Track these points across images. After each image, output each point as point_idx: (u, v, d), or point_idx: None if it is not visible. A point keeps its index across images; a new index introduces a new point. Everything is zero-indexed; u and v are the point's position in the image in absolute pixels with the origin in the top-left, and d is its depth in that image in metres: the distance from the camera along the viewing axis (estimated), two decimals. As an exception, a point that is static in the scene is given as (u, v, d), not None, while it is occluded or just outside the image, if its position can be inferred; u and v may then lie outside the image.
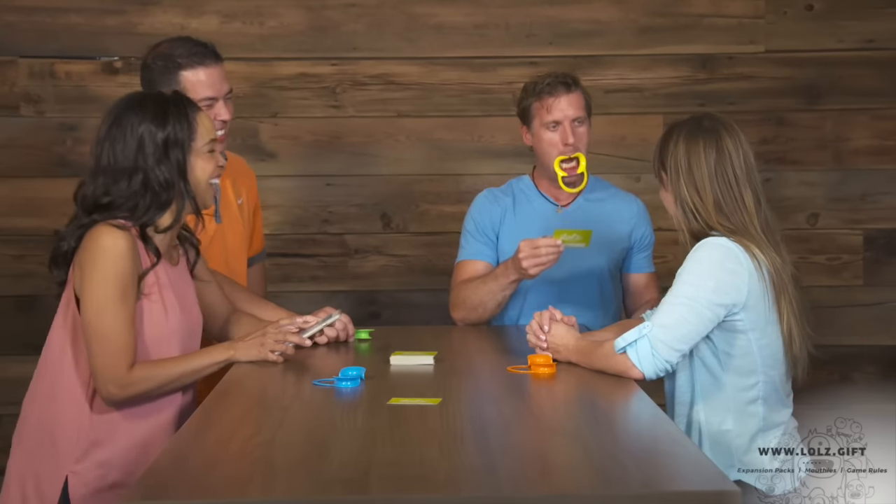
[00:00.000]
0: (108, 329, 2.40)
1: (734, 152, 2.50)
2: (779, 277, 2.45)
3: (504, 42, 4.03)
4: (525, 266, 2.90)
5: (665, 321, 2.40)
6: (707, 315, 2.40)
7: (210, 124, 2.58)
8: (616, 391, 2.36)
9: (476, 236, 3.20)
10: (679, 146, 2.52)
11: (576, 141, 3.11)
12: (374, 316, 4.04)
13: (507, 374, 2.51)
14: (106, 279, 2.40)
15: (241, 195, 3.14)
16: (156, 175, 2.48)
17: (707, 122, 2.54)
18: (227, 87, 2.98)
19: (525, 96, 3.18)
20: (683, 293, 2.41)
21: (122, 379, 2.41)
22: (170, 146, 2.49)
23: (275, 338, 2.58)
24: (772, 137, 4.06)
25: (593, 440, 2.01)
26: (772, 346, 2.47)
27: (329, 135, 4.04)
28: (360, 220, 4.06)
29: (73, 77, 3.99)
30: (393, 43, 4.02)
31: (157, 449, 2.38)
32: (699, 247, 2.45)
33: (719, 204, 2.47)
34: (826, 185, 4.07)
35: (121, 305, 2.41)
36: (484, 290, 3.07)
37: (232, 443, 2.00)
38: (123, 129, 2.49)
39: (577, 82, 3.16)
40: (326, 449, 1.95)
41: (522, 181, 3.28)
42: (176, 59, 2.91)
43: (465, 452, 1.92)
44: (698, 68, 4.04)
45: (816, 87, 4.05)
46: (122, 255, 2.41)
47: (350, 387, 2.37)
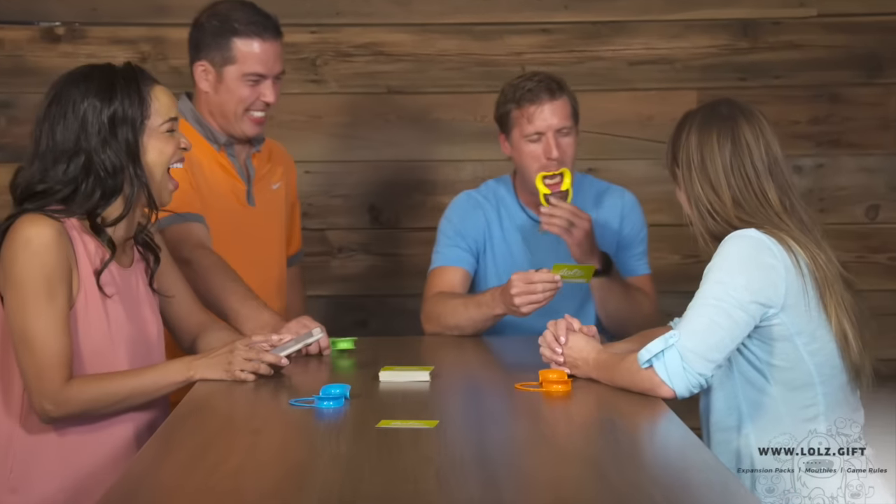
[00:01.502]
0: (34, 334, 2.42)
1: (753, 143, 2.53)
2: (822, 273, 2.47)
3: (511, 5, 4.04)
4: (517, 303, 2.93)
5: (694, 327, 2.42)
6: (741, 317, 2.42)
7: (170, 101, 2.60)
8: (640, 411, 2.38)
9: (455, 240, 3.25)
10: (691, 137, 2.56)
11: (560, 155, 3.15)
12: (361, 324, 4.06)
13: (514, 392, 2.53)
14: (27, 275, 2.41)
15: (278, 180, 3.28)
16: (100, 158, 2.50)
17: (724, 109, 2.57)
18: (279, 68, 3.15)
19: (504, 100, 3.22)
20: (712, 294, 2.43)
21: (57, 394, 2.43)
22: (117, 124, 2.51)
23: (244, 355, 2.57)
24: (825, 116, 4.07)
25: (614, 468, 2.03)
26: (825, 352, 2.49)
27: (308, 114, 4.05)
28: (345, 213, 4.07)
29: (7, 45, 3.99)
30: (382, 7, 4.04)
31: (106, 479, 2.40)
32: (727, 241, 2.48)
33: (738, 202, 2.50)
34: (889, 172, 4.09)
35: (47, 306, 2.42)
36: (464, 314, 3.11)
37: (195, 472, 2.01)
38: (64, 107, 2.51)
39: (563, 87, 3.20)
40: (305, 479, 1.97)
41: (503, 187, 3.33)
42: (233, 22, 3.09)
43: (465, 483, 1.94)
44: (739, 36, 4.05)
45: (877, 56, 4.06)
46: (45, 247, 2.42)
47: (333, 407, 2.38)
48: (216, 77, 3.13)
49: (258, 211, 3.20)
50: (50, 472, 2.48)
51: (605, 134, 4.01)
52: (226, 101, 3.14)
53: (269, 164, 3.29)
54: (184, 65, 3.33)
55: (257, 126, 3.16)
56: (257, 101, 3.13)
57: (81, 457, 2.51)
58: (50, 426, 2.48)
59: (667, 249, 3.90)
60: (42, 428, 2.48)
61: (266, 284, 3.18)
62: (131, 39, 4.00)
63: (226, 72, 3.12)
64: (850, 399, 2.54)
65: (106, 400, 2.48)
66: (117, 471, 2.34)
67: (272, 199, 3.27)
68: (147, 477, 2.00)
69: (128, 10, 4.00)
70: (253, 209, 3.19)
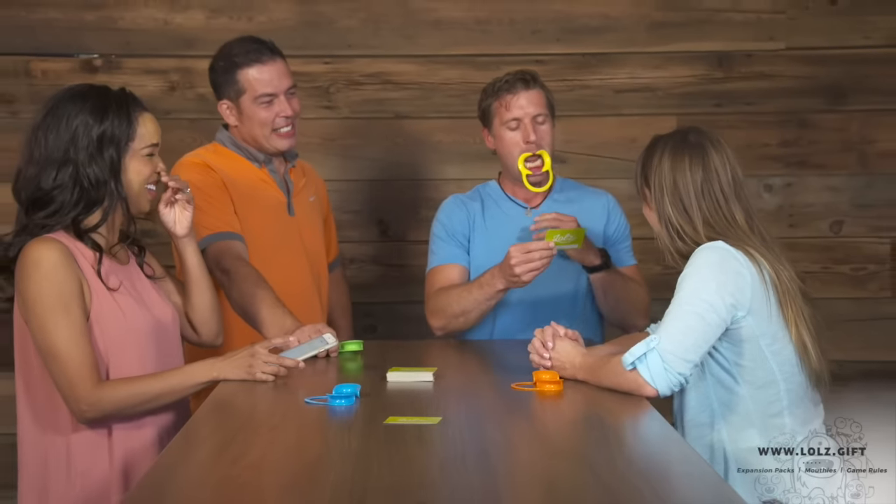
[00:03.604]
0: (57, 348, 2.42)
1: (721, 168, 2.54)
2: (784, 286, 2.47)
3: (508, 38, 4.04)
4: (518, 272, 2.90)
5: (671, 331, 2.41)
6: (714, 319, 2.42)
7: (154, 127, 2.60)
8: (626, 409, 2.37)
9: (447, 240, 3.22)
10: (664, 162, 2.56)
11: (538, 138, 3.13)
12: (370, 329, 4.05)
13: (511, 392, 2.52)
14: (41, 295, 2.42)
15: (313, 193, 3.32)
16: (85, 171, 2.50)
17: (692, 137, 2.58)
18: (287, 83, 3.15)
19: (484, 97, 3.22)
20: (686, 300, 2.43)
21: (90, 397, 2.43)
22: (105, 143, 2.51)
23: (265, 359, 2.57)
24: (793, 140, 4.07)
25: (603, 462, 2.02)
26: (786, 352, 2.49)
27: (322, 137, 4.05)
28: (356, 227, 4.07)
29: (50, 75, 4.00)
30: (390, 39, 4.04)
31: (139, 470, 2.39)
32: (697, 253, 2.48)
33: (708, 222, 2.51)
34: (851, 191, 4.08)
35: (64, 320, 2.42)
36: (468, 298, 3.07)
37: (218, 465, 2.01)
38: (59, 119, 2.51)
39: (537, 79, 3.19)
40: (319, 471, 1.96)
41: (489, 186, 3.32)
42: (233, 58, 3.12)
43: (466, 475, 1.93)
44: (714, 66, 4.05)
45: (841, 86, 4.06)
46: (53, 267, 2.42)
47: (344, 405, 2.38)
48: (237, 111, 3.14)
49: (298, 220, 3.23)
50: (103, 468, 2.49)
51: (594, 155, 4.01)
52: (252, 128, 3.15)
53: (305, 178, 3.32)
54: (208, 92, 3.33)
55: (287, 140, 3.18)
56: (277, 118, 3.14)
57: (120, 453, 2.51)
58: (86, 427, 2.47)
59: (650, 261, 3.88)
60: (81, 428, 2.48)
61: (307, 286, 3.21)
62: (162, 70, 4.01)
63: (242, 103, 3.13)
64: (812, 395, 2.54)
65: (136, 399, 2.48)
66: (147, 465, 2.34)
67: (310, 209, 3.30)
68: (174, 469, 1.99)
69: (159, 43, 4.00)
70: (294, 219, 3.21)
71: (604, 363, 2.50)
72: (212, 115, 3.31)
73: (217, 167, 3.12)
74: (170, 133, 3.03)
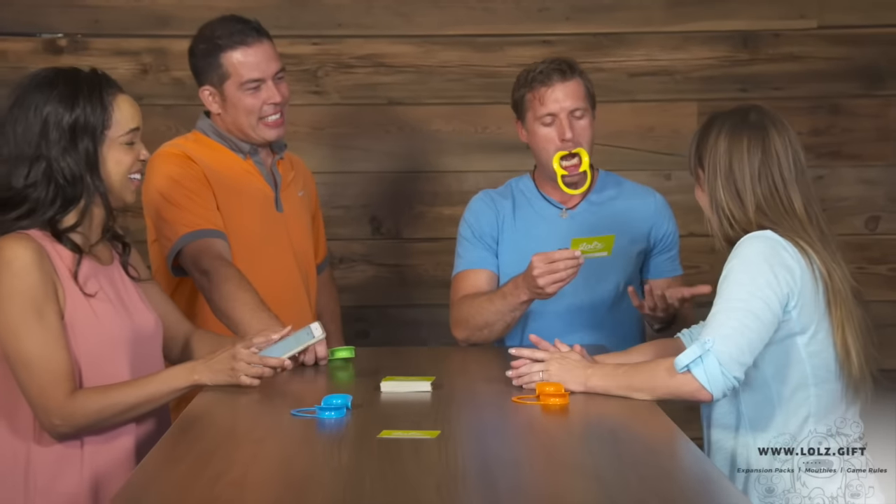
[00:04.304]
0: (29, 354, 2.42)
1: (782, 152, 2.54)
2: (835, 286, 2.48)
3: (513, 17, 4.05)
4: (541, 284, 2.89)
5: (726, 332, 2.42)
6: (767, 317, 2.43)
7: (133, 111, 2.58)
8: (639, 422, 2.39)
9: (474, 242, 3.22)
10: (720, 142, 2.55)
11: (575, 135, 3.11)
12: (362, 335, 4.06)
13: (514, 403, 2.53)
14: (12, 298, 2.41)
15: (302, 188, 3.32)
16: (59, 166, 2.49)
17: (754, 117, 2.58)
18: (275, 67, 3.15)
19: (518, 86, 3.20)
20: (735, 296, 2.44)
21: (62, 408, 2.43)
22: (78, 133, 2.50)
23: (248, 359, 2.58)
24: (825, 128, 4.08)
25: (616, 479, 2.03)
26: (824, 355, 2.50)
27: (309, 125, 4.06)
28: (346, 223, 4.08)
29: (10, 57, 4.01)
30: (383, 18, 4.05)
31: (112, 487, 2.41)
32: (741, 243, 2.49)
33: (762, 209, 2.51)
34: (889, 184, 4.10)
35: (37, 325, 2.42)
36: (490, 309, 3.08)
37: (197, 482, 2.01)
38: (26, 110, 2.50)
39: (575, 68, 3.16)
40: (306, 490, 1.97)
41: (523, 181, 3.30)
42: (216, 40, 3.12)
43: (466, 494, 1.94)
44: (739, 47, 4.06)
45: (877, 68, 4.07)
46: (26, 267, 2.42)
47: (334, 417, 2.39)
48: (221, 97, 3.15)
49: (286, 216, 3.24)
50: (69, 484, 2.48)
51: (607, 145, 4.01)
52: (237, 116, 3.16)
53: (293, 171, 3.33)
54: (186, 76, 3.34)
55: (275, 129, 3.19)
56: (264, 105, 3.15)
57: (91, 468, 2.51)
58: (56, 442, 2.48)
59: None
60: (51, 442, 2.48)
61: (295, 288, 3.23)
62: (133, 51, 4.02)
63: (226, 89, 3.14)
64: (839, 405, 2.54)
65: (112, 410, 2.48)
66: (120, 481, 2.35)
67: (299, 205, 3.31)
68: (149, 486, 2.00)
69: (130, 21, 4.01)
70: (281, 215, 3.23)
71: (641, 368, 2.53)
72: (190, 101, 3.33)
73: (198, 158, 3.13)
74: (143, 121, 3.05)
